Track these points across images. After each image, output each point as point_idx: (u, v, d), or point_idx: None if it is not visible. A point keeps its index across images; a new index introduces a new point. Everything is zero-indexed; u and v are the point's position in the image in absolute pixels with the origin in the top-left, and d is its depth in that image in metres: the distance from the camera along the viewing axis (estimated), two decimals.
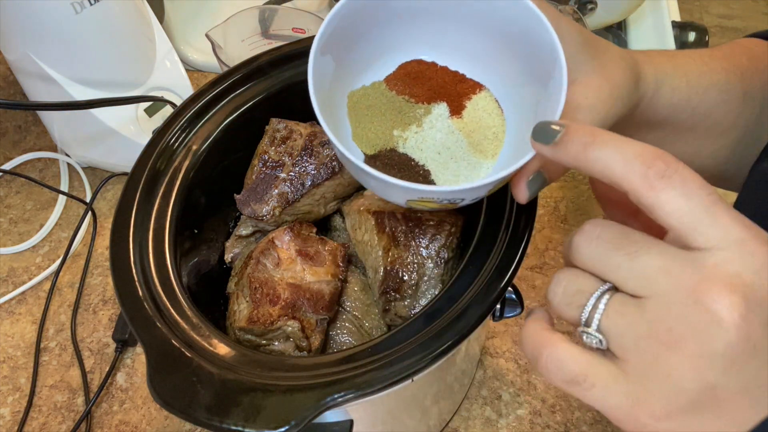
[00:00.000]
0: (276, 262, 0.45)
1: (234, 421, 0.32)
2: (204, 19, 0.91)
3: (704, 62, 0.43)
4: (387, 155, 0.36)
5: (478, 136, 0.37)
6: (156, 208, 0.43)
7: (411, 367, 0.34)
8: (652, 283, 0.24)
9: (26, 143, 0.80)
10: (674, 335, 0.23)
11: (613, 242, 0.25)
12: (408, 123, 0.37)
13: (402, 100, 0.38)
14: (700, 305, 0.23)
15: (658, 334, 0.24)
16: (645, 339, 0.24)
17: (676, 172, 0.24)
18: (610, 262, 0.25)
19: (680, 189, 0.24)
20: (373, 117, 0.37)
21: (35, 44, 0.62)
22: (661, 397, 0.24)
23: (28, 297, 0.66)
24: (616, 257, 0.25)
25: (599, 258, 0.26)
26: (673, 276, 0.24)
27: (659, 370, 0.24)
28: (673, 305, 0.24)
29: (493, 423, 0.55)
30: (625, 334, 0.25)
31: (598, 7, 0.77)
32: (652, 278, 0.24)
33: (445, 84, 0.38)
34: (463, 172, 0.36)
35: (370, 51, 0.38)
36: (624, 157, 0.25)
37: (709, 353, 0.23)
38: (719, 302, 0.23)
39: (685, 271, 0.24)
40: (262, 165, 0.48)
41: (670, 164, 0.24)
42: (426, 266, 0.44)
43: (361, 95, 0.38)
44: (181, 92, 0.72)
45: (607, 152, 0.25)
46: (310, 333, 0.44)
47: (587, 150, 0.26)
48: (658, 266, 0.24)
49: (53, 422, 0.57)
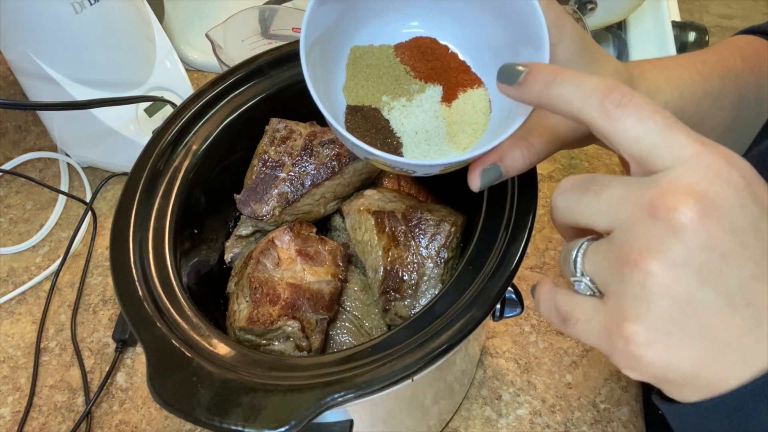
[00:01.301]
0: (276, 262, 0.45)
1: (234, 421, 0.32)
2: (204, 19, 0.91)
3: (698, 70, 0.43)
4: (370, 112, 0.38)
5: (458, 128, 0.38)
6: (156, 208, 0.43)
7: (411, 367, 0.34)
8: (615, 213, 0.25)
9: (26, 143, 0.80)
10: (635, 254, 0.23)
11: (580, 187, 0.26)
12: (400, 94, 0.38)
13: (403, 69, 0.39)
14: (656, 219, 0.23)
15: (623, 258, 0.24)
16: (614, 266, 0.25)
17: (631, 101, 0.25)
18: (579, 204, 0.26)
19: (635, 115, 0.25)
20: (369, 76, 0.38)
21: (35, 44, 0.62)
22: (636, 319, 0.24)
23: (28, 297, 0.66)
24: (584, 199, 0.26)
25: (571, 205, 0.27)
26: (631, 200, 0.24)
27: (628, 291, 0.24)
28: (633, 227, 0.24)
29: (493, 423, 0.55)
30: (601, 269, 0.26)
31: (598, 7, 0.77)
32: (615, 209, 0.25)
33: (448, 69, 0.39)
34: (431, 155, 0.37)
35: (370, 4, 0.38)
36: (581, 91, 0.26)
37: (671, 263, 0.23)
38: (673, 211, 0.23)
39: (643, 193, 0.24)
40: (262, 165, 0.48)
41: (624, 94, 0.25)
42: (426, 266, 0.44)
43: (365, 52, 0.39)
44: (181, 92, 0.72)
45: (567, 88, 0.26)
46: (310, 333, 0.44)
47: (549, 88, 0.27)
48: (618, 196, 0.25)
49: (53, 422, 0.57)
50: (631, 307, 0.24)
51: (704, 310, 0.23)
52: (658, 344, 0.23)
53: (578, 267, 0.26)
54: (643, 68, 0.41)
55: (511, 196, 0.41)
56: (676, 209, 0.23)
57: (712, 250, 0.23)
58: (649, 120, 0.24)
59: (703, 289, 0.23)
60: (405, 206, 0.46)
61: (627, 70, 0.39)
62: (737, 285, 0.23)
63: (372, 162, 0.36)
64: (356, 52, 0.39)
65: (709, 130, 0.44)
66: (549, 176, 0.72)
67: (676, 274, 0.23)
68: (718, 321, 0.23)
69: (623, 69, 0.39)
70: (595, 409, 0.55)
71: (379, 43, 0.39)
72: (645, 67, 0.42)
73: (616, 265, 0.24)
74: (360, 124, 0.37)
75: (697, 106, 0.43)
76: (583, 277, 0.26)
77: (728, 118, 0.44)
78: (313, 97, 0.33)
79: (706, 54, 0.45)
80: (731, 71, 0.44)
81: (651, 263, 0.23)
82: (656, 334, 0.23)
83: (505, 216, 0.40)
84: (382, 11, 0.39)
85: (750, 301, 0.23)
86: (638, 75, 0.40)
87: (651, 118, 0.24)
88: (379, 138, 0.37)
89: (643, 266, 0.23)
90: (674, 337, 0.23)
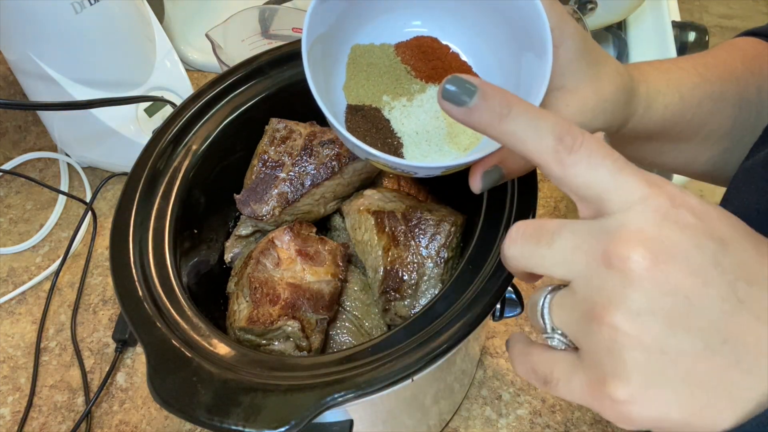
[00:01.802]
0: (276, 262, 0.45)
1: (234, 421, 0.32)
2: (204, 19, 0.91)
3: (698, 73, 0.43)
4: (371, 112, 0.38)
5: (458, 128, 0.38)
6: (156, 208, 0.43)
7: (411, 366, 0.34)
8: (571, 264, 0.24)
9: (26, 143, 0.80)
10: (599, 308, 0.23)
11: (533, 236, 0.25)
12: (400, 94, 0.38)
13: (404, 69, 0.38)
14: (612, 269, 0.23)
15: (588, 312, 0.23)
16: (581, 321, 0.24)
17: (582, 146, 0.24)
18: (534, 256, 0.25)
19: (586, 161, 0.24)
20: (370, 75, 0.38)
21: (35, 44, 0.62)
22: (614, 376, 0.23)
23: (28, 297, 0.66)
24: (538, 250, 0.25)
25: (524, 255, 0.26)
26: (584, 250, 0.24)
27: (601, 347, 0.23)
28: (591, 279, 0.23)
29: (493, 423, 0.55)
30: (569, 323, 0.25)
31: (598, 7, 0.77)
32: (570, 259, 0.24)
33: (450, 69, 0.39)
34: (432, 155, 0.37)
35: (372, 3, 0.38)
36: (537, 133, 0.25)
37: (634, 314, 0.22)
38: (626, 260, 0.22)
39: (594, 242, 0.23)
40: (262, 165, 0.48)
41: (576, 137, 0.24)
42: (426, 266, 0.44)
43: (365, 50, 0.39)
44: (181, 92, 0.72)
45: (521, 126, 0.25)
46: (310, 333, 0.44)
47: (502, 122, 0.26)
48: (571, 246, 0.24)
49: (53, 422, 0.57)
50: (607, 365, 0.23)
51: (681, 355, 0.22)
52: (642, 399, 0.23)
53: (547, 323, 0.26)
54: (643, 70, 0.41)
55: (511, 196, 0.41)
56: (629, 258, 0.22)
57: (675, 295, 0.22)
58: (600, 165, 0.24)
59: (675, 335, 0.22)
60: (405, 206, 0.46)
61: (628, 72, 0.39)
62: (709, 324, 0.22)
63: (372, 162, 0.36)
64: (357, 50, 0.39)
65: (709, 132, 0.44)
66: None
67: (643, 324, 0.22)
68: (697, 364, 0.22)
69: (624, 71, 0.39)
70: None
71: (380, 42, 0.39)
72: (645, 70, 0.42)
73: (583, 321, 0.24)
74: (360, 123, 0.37)
75: (697, 108, 0.42)
76: (554, 332, 0.26)
77: (728, 121, 0.44)
78: (314, 96, 0.33)
79: (706, 57, 0.45)
80: (732, 74, 0.44)
81: (615, 317, 0.22)
82: (638, 389, 0.23)
83: (505, 216, 0.40)
84: (385, 10, 0.38)
85: (726, 337, 0.22)
86: (638, 77, 0.40)
87: (602, 164, 0.24)
88: (379, 138, 0.37)
89: (609, 321, 0.23)
90: (657, 389, 0.23)
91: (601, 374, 0.23)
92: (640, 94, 0.40)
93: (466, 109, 0.26)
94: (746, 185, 0.39)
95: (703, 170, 0.48)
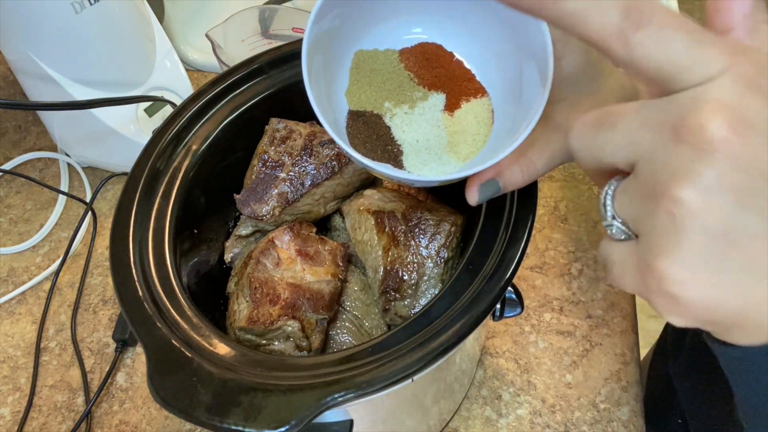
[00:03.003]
0: (276, 262, 0.45)
1: (234, 421, 0.32)
2: (204, 19, 0.91)
3: None
4: (372, 119, 0.37)
5: (459, 137, 0.38)
6: (156, 208, 0.43)
7: (411, 366, 0.34)
8: (636, 144, 0.22)
9: (26, 143, 0.80)
10: (661, 185, 0.21)
11: (594, 123, 0.24)
12: (402, 101, 0.38)
13: (407, 76, 0.38)
14: (682, 142, 0.21)
15: (650, 191, 0.22)
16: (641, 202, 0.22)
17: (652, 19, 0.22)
18: (596, 142, 0.24)
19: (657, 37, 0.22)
20: (372, 81, 0.38)
21: (35, 44, 0.62)
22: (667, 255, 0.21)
23: (28, 297, 0.66)
24: (600, 136, 0.24)
25: (588, 145, 0.24)
26: (652, 126, 0.22)
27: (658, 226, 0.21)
28: (657, 155, 0.22)
29: (493, 423, 0.55)
30: (630, 208, 0.23)
31: None
32: (635, 139, 0.22)
33: (453, 77, 0.38)
34: (431, 164, 0.37)
35: (377, 8, 0.38)
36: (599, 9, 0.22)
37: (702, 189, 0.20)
38: (700, 130, 0.20)
39: (664, 116, 0.22)
40: (262, 165, 0.48)
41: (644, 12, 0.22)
42: (426, 266, 0.44)
43: (369, 56, 0.39)
44: (181, 92, 0.72)
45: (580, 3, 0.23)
46: (310, 333, 0.44)
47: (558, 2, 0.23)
48: (637, 124, 0.22)
49: (53, 422, 0.57)
50: (661, 243, 0.21)
51: (746, 238, 0.20)
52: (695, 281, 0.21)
53: (608, 211, 0.24)
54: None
55: (511, 196, 0.41)
56: (704, 127, 0.20)
57: (749, 170, 0.20)
58: (672, 39, 0.21)
59: (743, 215, 0.20)
60: (405, 206, 0.46)
61: (632, 85, 0.39)
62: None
63: (373, 173, 0.36)
64: (360, 56, 0.38)
65: None
66: (549, 176, 0.72)
67: (710, 201, 0.20)
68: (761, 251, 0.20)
69: (628, 83, 0.38)
70: (595, 409, 0.55)
71: (384, 47, 0.39)
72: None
73: (643, 201, 0.22)
74: (361, 129, 0.37)
75: None
76: (614, 220, 0.24)
77: None
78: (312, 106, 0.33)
79: None
80: None
81: (679, 192, 0.20)
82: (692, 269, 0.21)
83: (505, 216, 0.40)
84: (388, 15, 0.38)
85: None
86: (644, 89, 0.40)
87: (674, 36, 0.21)
88: (379, 145, 0.37)
89: (671, 196, 0.21)
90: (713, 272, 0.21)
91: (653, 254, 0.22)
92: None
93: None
94: None
95: None
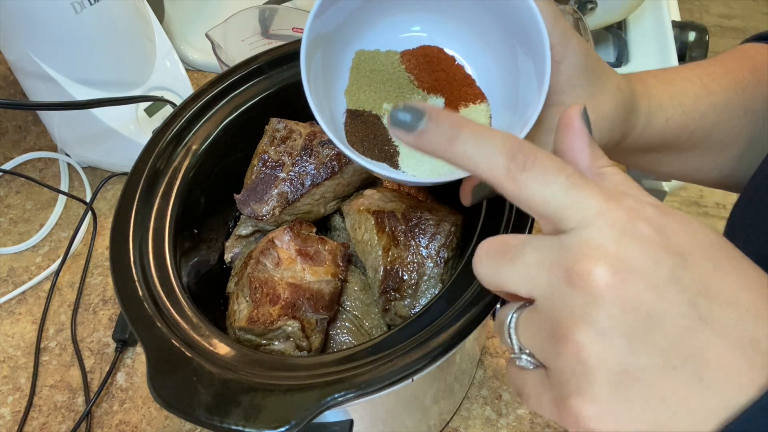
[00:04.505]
0: (276, 261, 0.45)
1: (234, 420, 0.32)
2: (204, 19, 0.91)
3: (703, 84, 0.43)
4: (370, 119, 0.38)
5: None
6: (156, 208, 0.43)
7: (411, 366, 0.34)
8: (534, 281, 0.24)
9: (26, 143, 0.80)
10: (563, 327, 0.23)
11: (496, 254, 0.25)
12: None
13: (407, 78, 0.38)
14: (574, 287, 0.23)
15: (552, 331, 0.24)
16: (547, 340, 0.24)
17: (535, 162, 0.24)
18: (499, 273, 0.25)
19: (541, 178, 0.24)
20: (372, 81, 0.38)
21: (35, 44, 0.62)
22: (579, 394, 0.23)
23: (28, 297, 0.66)
24: (502, 267, 0.25)
25: (491, 274, 0.26)
26: (547, 267, 0.24)
27: (566, 366, 0.23)
28: (554, 297, 0.23)
29: (493, 423, 0.55)
30: (535, 343, 0.25)
31: (598, 6, 0.77)
32: (533, 276, 0.24)
33: (453, 81, 0.38)
34: (426, 165, 0.37)
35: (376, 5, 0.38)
36: (488, 152, 0.25)
37: (599, 332, 0.22)
38: (587, 278, 0.22)
39: (555, 260, 0.23)
40: (262, 165, 0.48)
41: (528, 155, 0.24)
42: (426, 266, 0.44)
43: (370, 57, 0.39)
44: (181, 92, 0.72)
45: (472, 147, 0.25)
46: (310, 333, 0.44)
47: (452, 144, 0.26)
48: (534, 263, 0.24)
49: (53, 422, 0.57)
50: (572, 383, 0.23)
51: (643, 374, 0.22)
52: (606, 417, 0.23)
53: (514, 342, 0.26)
54: (646, 83, 0.41)
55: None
56: (591, 275, 0.22)
57: (635, 312, 0.22)
58: (554, 182, 0.24)
59: (636, 353, 0.22)
60: (405, 206, 0.46)
61: (629, 87, 0.39)
62: (669, 342, 0.22)
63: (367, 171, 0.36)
64: (361, 56, 0.39)
65: (713, 142, 0.44)
66: None
67: (606, 343, 0.22)
68: (659, 383, 0.22)
69: (625, 86, 0.39)
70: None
71: (386, 48, 0.39)
72: (649, 83, 0.41)
73: (548, 340, 0.24)
74: (359, 128, 0.37)
75: (700, 120, 0.42)
76: (522, 353, 0.26)
77: (734, 131, 0.44)
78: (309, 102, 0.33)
79: (713, 65, 0.45)
80: (738, 84, 0.43)
81: (579, 335, 0.22)
82: (602, 406, 0.23)
83: (505, 216, 0.40)
84: (389, 12, 0.38)
85: (686, 355, 0.22)
86: (641, 91, 0.40)
87: (556, 180, 0.24)
88: (376, 145, 0.37)
89: (574, 340, 0.23)
90: (621, 407, 0.23)
91: (567, 392, 0.23)
92: (641, 109, 0.40)
93: (417, 134, 0.26)
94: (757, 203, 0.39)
95: (709, 178, 0.48)
